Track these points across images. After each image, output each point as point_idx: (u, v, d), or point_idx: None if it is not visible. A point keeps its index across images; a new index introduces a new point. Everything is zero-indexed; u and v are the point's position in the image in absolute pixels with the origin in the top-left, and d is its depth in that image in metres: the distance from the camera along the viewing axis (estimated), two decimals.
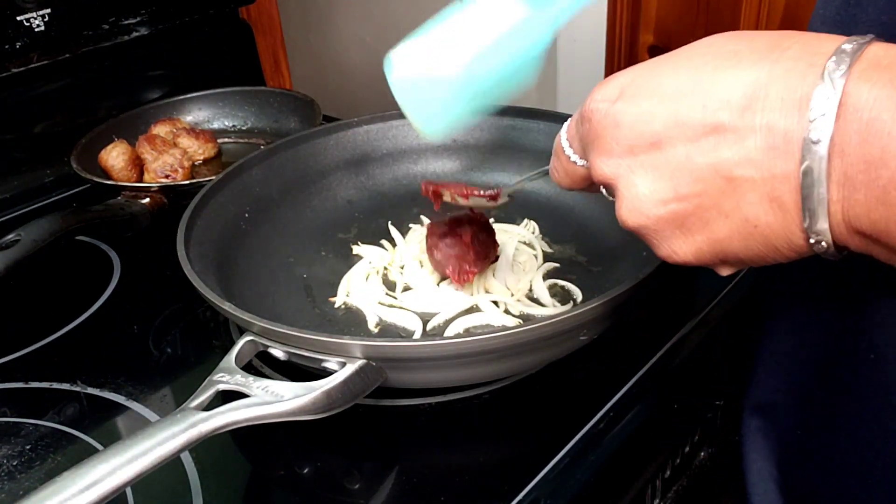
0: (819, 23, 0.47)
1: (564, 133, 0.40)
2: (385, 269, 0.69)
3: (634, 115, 0.33)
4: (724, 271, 0.36)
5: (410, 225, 0.74)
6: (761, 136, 0.30)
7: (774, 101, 0.30)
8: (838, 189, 0.29)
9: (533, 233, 0.72)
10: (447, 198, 0.60)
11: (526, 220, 0.73)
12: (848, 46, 0.29)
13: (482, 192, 0.58)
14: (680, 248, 0.35)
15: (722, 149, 0.31)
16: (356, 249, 0.71)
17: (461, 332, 0.61)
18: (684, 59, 0.33)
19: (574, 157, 0.40)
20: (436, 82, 0.49)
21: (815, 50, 0.30)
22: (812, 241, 0.31)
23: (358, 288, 0.66)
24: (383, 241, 0.72)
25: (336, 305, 0.65)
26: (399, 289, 0.66)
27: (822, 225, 0.30)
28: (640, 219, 0.35)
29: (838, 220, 0.30)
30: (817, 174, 0.29)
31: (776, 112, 0.30)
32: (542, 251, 0.69)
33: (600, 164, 0.35)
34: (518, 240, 0.70)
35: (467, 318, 0.62)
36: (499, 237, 0.68)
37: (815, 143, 0.28)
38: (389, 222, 0.74)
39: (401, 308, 0.64)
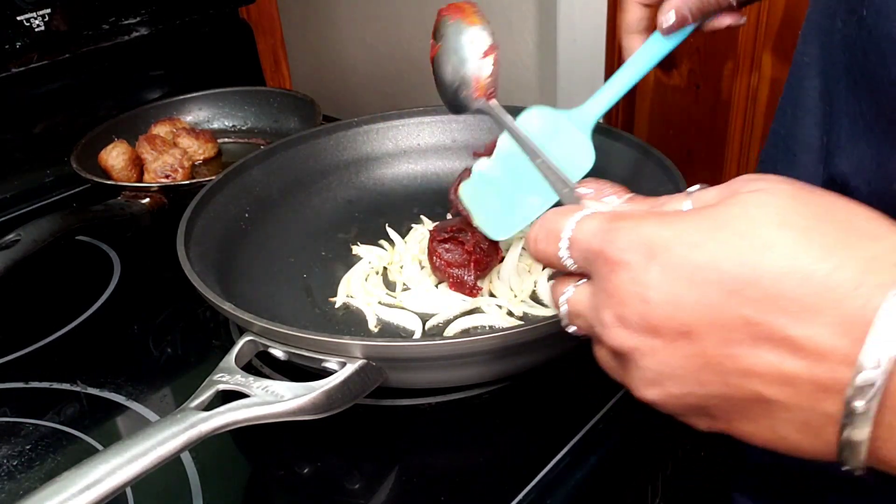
0: (814, 28, 0.47)
1: (568, 231, 0.34)
2: (385, 269, 0.69)
3: (666, 297, 0.29)
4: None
5: (412, 225, 0.74)
6: (804, 364, 0.27)
7: (824, 331, 0.27)
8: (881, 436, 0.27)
9: None
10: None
11: None
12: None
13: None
14: (697, 424, 0.33)
15: (758, 363, 0.28)
16: (355, 249, 0.71)
17: (461, 331, 0.61)
18: (728, 233, 0.29)
19: (567, 262, 0.35)
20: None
21: (871, 281, 0.26)
22: (844, 467, 0.29)
23: (358, 288, 0.66)
24: (382, 242, 0.72)
25: (336, 305, 0.65)
26: (398, 289, 0.66)
27: (859, 460, 0.28)
28: (655, 397, 0.32)
29: (877, 455, 0.28)
30: (860, 433, 0.27)
31: (826, 341, 0.27)
32: None
33: (616, 332, 0.31)
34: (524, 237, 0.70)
35: (468, 319, 0.62)
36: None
37: (860, 414, 0.26)
38: (387, 225, 0.74)
39: (401, 308, 0.64)
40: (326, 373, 0.47)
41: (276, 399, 0.44)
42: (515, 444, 0.53)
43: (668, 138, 1.02)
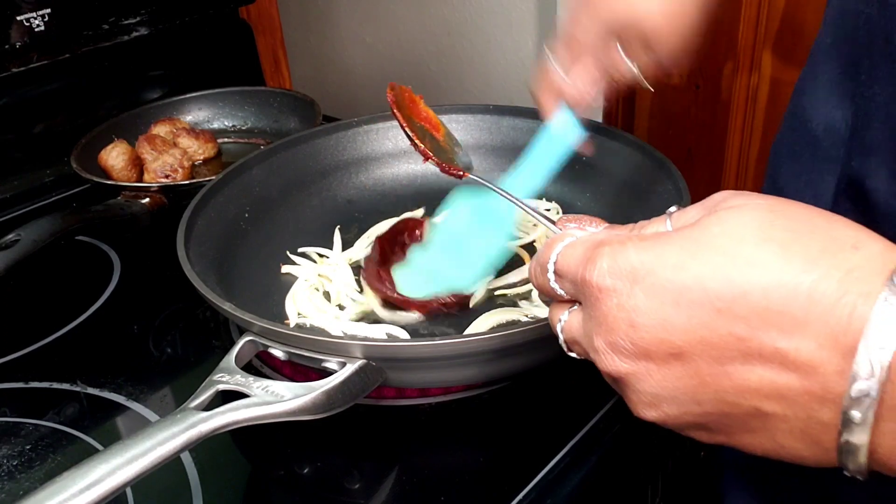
0: (830, 42, 0.47)
1: (552, 264, 0.35)
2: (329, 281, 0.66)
3: (654, 320, 0.30)
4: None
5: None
6: (796, 377, 0.28)
7: (812, 343, 0.27)
8: (881, 441, 0.27)
9: (557, 213, 0.73)
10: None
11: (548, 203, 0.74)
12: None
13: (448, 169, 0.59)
14: (698, 438, 0.34)
15: (751, 379, 0.29)
16: (284, 269, 0.68)
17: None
18: (711, 252, 0.29)
19: (559, 291, 0.35)
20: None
21: (854, 290, 0.26)
22: (847, 473, 0.29)
23: (307, 307, 0.63)
24: (312, 253, 0.70)
25: (291, 325, 0.62)
26: (333, 302, 0.63)
27: (859, 464, 0.28)
28: (654, 417, 0.33)
29: (876, 458, 0.28)
30: (858, 438, 0.27)
31: (815, 353, 0.27)
32: None
33: (609, 359, 0.32)
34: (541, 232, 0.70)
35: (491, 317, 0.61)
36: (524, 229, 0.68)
37: (857, 424, 0.27)
38: (338, 228, 0.73)
39: (366, 320, 0.62)
40: (326, 373, 0.47)
41: (276, 399, 0.44)
42: (515, 444, 0.53)
43: (668, 138, 1.02)
